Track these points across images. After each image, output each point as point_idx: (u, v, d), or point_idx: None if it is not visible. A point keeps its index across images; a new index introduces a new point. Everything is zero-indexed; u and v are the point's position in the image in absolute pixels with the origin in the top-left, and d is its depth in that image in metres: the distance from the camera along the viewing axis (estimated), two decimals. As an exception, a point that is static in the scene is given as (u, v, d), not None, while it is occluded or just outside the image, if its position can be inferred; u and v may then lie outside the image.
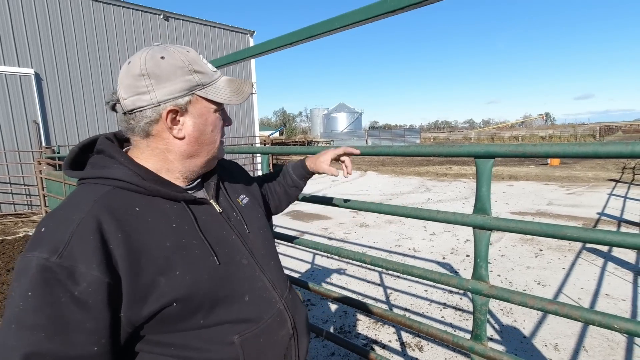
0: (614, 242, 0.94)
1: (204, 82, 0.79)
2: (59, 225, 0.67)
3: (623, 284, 3.89)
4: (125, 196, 0.74)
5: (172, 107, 0.76)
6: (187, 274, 0.73)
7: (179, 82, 0.76)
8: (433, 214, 1.27)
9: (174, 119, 0.78)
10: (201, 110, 0.80)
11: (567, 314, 1.02)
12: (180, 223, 0.77)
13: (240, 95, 0.82)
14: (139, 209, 0.74)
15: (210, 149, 0.84)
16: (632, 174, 11.93)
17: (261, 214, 1.03)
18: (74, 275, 0.63)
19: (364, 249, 5.43)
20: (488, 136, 50.72)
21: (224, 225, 0.86)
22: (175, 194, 0.79)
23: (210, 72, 0.81)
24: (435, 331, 1.36)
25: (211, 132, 0.83)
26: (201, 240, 0.78)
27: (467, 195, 9.42)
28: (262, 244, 0.93)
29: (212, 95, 0.80)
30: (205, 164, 0.86)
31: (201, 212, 0.83)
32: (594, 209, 7.26)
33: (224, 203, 0.92)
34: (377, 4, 1.15)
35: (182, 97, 0.77)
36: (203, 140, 0.82)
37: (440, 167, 16.53)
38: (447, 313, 3.43)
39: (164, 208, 0.77)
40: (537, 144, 1.04)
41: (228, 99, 0.81)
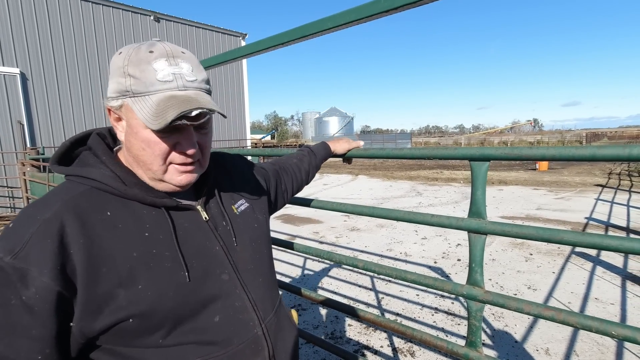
0: (611, 247, 0.92)
1: (134, 90, 0.67)
2: (23, 224, 0.64)
3: (612, 288, 3.92)
4: (100, 198, 0.69)
5: (108, 106, 0.72)
6: (149, 288, 0.67)
7: (114, 82, 0.70)
8: (427, 218, 1.25)
9: (116, 118, 0.73)
10: (131, 121, 0.69)
11: (563, 320, 0.99)
12: (154, 231, 0.71)
13: (157, 120, 0.64)
14: (110, 214, 0.68)
15: (147, 168, 0.72)
16: (618, 180, 12.16)
17: (259, 223, 0.93)
18: (25, 278, 0.59)
19: (356, 253, 5.40)
20: (478, 141, 51.37)
21: (209, 234, 0.78)
22: (154, 199, 0.72)
23: (152, 80, 0.66)
24: (429, 338, 1.33)
25: (142, 150, 0.70)
26: (175, 252, 0.71)
27: (458, 200, 9.47)
28: (250, 258, 0.84)
29: (136, 108, 0.67)
30: (153, 182, 0.74)
31: (184, 219, 0.76)
32: (582, 214, 7.36)
33: (214, 210, 0.83)
34: (370, 4, 1.13)
35: (115, 99, 0.70)
36: (135, 155, 0.72)
37: (432, 171, 16.63)
38: (438, 318, 3.41)
39: (140, 214, 0.71)
40: (533, 147, 1.02)
41: (144, 119, 0.66)
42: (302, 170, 1.31)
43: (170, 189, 0.75)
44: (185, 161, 0.72)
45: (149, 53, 0.67)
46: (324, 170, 18.91)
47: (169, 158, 0.71)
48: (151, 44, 0.70)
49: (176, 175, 0.73)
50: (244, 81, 14.74)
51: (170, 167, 0.72)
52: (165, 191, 0.76)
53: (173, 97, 0.66)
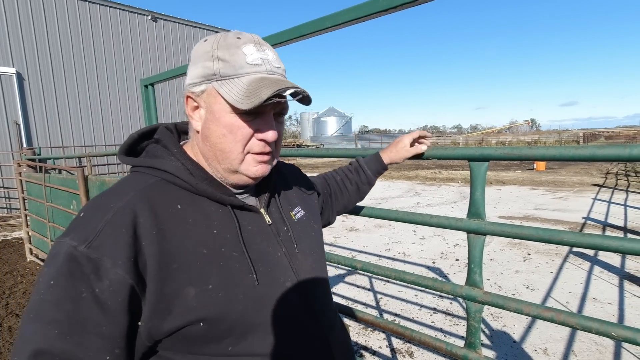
0: (611, 248, 0.91)
1: (223, 73, 0.66)
2: (96, 212, 0.62)
3: (609, 288, 3.93)
4: (171, 191, 0.68)
5: (188, 93, 0.70)
6: (220, 289, 0.64)
7: (199, 67, 0.68)
8: (427, 218, 1.24)
9: (194, 107, 0.71)
10: (214, 106, 0.68)
11: (563, 321, 0.99)
12: (222, 230, 0.69)
13: (250, 99, 0.63)
14: (180, 207, 0.66)
15: (223, 158, 0.70)
16: (615, 179, 12.20)
17: (315, 231, 0.91)
18: (99, 269, 0.57)
19: (354, 253, 5.39)
20: (476, 141, 51.48)
21: (272, 239, 0.76)
22: (222, 196, 0.70)
23: (242, 63, 0.66)
24: (428, 339, 1.33)
25: (223, 137, 0.68)
26: (242, 253, 0.69)
27: (456, 200, 9.48)
28: (310, 267, 0.81)
29: (224, 90, 0.65)
30: (227, 174, 0.72)
31: (248, 221, 0.74)
32: (579, 213, 7.38)
33: (275, 215, 0.80)
34: (369, 3, 1.12)
35: (198, 85, 0.68)
36: (214, 144, 0.69)
37: (430, 171, 16.65)
38: (437, 318, 3.41)
39: (208, 210, 0.69)
40: (533, 147, 1.01)
41: (234, 99, 0.64)
42: (346, 189, 1.24)
43: (243, 181, 0.73)
44: (264, 149, 0.71)
45: (237, 39, 0.67)
46: (322, 170, 18.90)
47: (248, 146, 0.69)
48: (237, 32, 0.70)
49: (252, 166, 0.71)
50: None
51: (248, 156, 0.70)
52: (235, 185, 0.75)
53: (264, 78, 0.66)
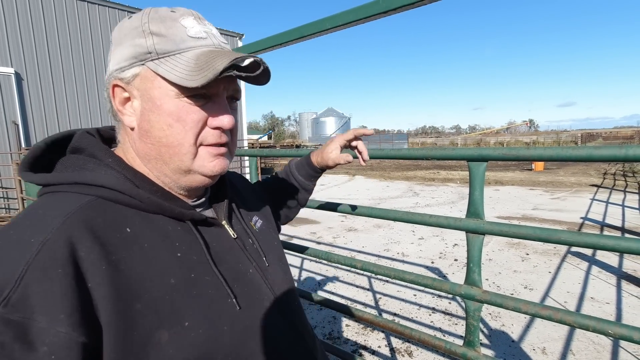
0: (607, 247, 0.92)
1: (160, 50, 0.54)
2: (8, 252, 0.44)
3: (607, 287, 3.95)
4: (113, 211, 0.53)
5: (115, 81, 0.56)
6: (200, 325, 0.52)
7: (126, 48, 0.55)
8: (426, 218, 1.25)
9: (124, 99, 0.57)
10: (153, 92, 0.55)
11: (561, 319, 1.00)
12: (186, 251, 0.56)
13: (202, 73, 0.51)
14: (130, 230, 0.52)
15: (171, 154, 0.57)
16: (613, 180, 12.25)
17: (277, 240, 0.83)
18: (27, 335, 0.40)
19: (353, 253, 5.41)
20: (474, 142, 51.58)
21: (240, 254, 0.66)
22: (181, 211, 0.58)
23: (183, 37, 0.55)
24: (427, 337, 1.34)
25: (169, 128, 0.55)
26: (215, 276, 0.57)
27: (454, 200, 9.50)
28: (282, 280, 0.73)
29: (164, 69, 0.53)
30: (177, 176, 0.59)
31: (211, 237, 0.62)
32: (577, 214, 7.41)
33: (237, 226, 0.70)
34: (369, 5, 1.13)
35: (128, 68, 0.55)
36: (158, 138, 0.56)
37: (428, 171, 16.68)
38: (436, 317, 3.42)
39: (165, 230, 0.56)
40: (531, 147, 1.03)
41: (180, 77, 0.52)
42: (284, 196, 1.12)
43: (198, 182, 0.61)
44: (219, 140, 0.59)
45: (172, 12, 0.57)
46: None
47: (201, 136, 0.57)
48: (169, 7, 0.59)
49: (208, 161, 0.59)
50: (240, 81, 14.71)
51: (201, 149, 0.58)
52: (188, 191, 0.63)
53: (214, 51, 0.55)
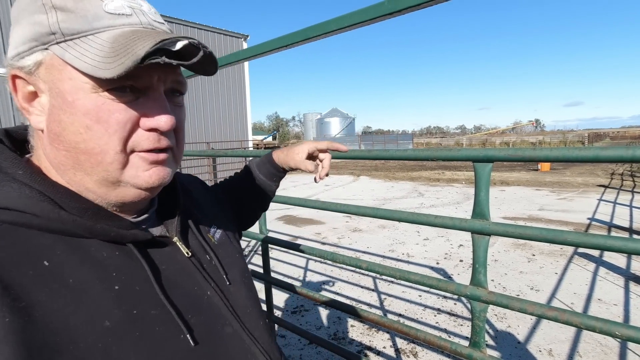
0: (614, 248, 0.92)
1: (66, 29, 0.41)
2: None
3: (614, 289, 3.91)
4: (25, 240, 0.41)
5: (13, 72, 0.45)
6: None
7: (25, 26, 0.43)
8: (431, 219, 1.25)
9: (29, 94, 0.45)
10: (63, 85, 0.43)
11: (567, 320, 1.00)
12: (127, 282, 0.46)
13: (118, 59, 0.40)
14: (49, 264, 0.41)
15: (93, 164, 0.45)
16: (620, 180, 12.12)
17: (239, 252, 0.72)
18: None
19: (358, 254, 5.41)
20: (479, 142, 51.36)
21: (195, 276, 0.56)
22: (120, 232, 0.48)
23: (98, 13, 0.43)
24: (432, 338, 1.34)
25: (86, 131, 0.43)
26: (164, 309, 0.48)
27: (459, 200, 9.46)
28: (246, 298, 0.63)
29: (72, 56, 0.41)
30: (102, 190, 0.47)
31: (160, 259, 0.52)
32: (584, 214, 7.34)
33: (193, 241, 0.60)
34: (374, 7, 1.14)
35: (27, 54, 0.43)
36: (71, 144, 0.44)
37: (433, 172, 16.62)
38: (441, 318, 3.42)
39: (98, 258, 0.45)
40: (537, 148, 1.03)
41: (94, 66, 0.40)
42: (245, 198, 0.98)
43: (132, 197, 0.49)
44: (157, 144, 0.47)
45: None
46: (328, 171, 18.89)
47: (132, 140, 0.46)
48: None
49: (142, 170, 0.47)
50: (245, 82, 14.77)
51: (133, 156, 0.47)
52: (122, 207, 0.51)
53: (138, 31, 0.44)
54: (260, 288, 4.07)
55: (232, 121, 14.52)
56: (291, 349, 2.97)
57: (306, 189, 12.43)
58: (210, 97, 13.63)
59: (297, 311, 3.62)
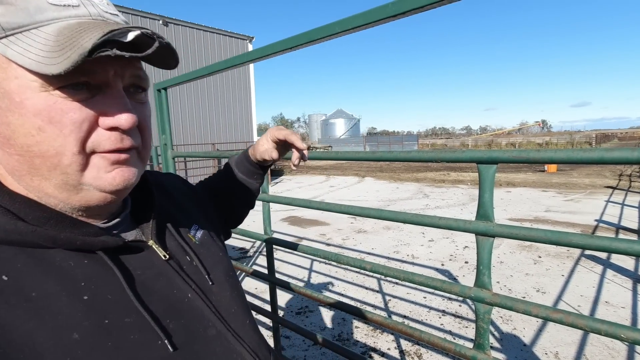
0: (620, 250, 0.92)
1: (6, 24, 0.39)
2: None
3: (622, 291, 3.87)
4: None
5: None
6: None
7: None
8: (435, 220, 1.25)
9: None
10: (9, 85, 0.40)
11: (572, 323, 0.99)
12: (97, 291, 0.44)
13: (64, 54, 0.37)
14: (9, 278, 0.39)
15: (49, 168, 0.42)
16: (629, 181, 11.99)
17: (222, 250, 0.70)
18: None
19: (362, 255, 5.40)
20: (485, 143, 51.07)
21: (174, 279, 0.54)
22: (86, 239, 0.45)
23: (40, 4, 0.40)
24: (436, 340, 1.34)
25: (38, 133, 0.41)
26: (139, 315, 0.46)
27: (465, 202, 9.42)
28: (230, 297, 0.62)
29: (14, 52, 0.39)
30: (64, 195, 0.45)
31: (134, 264, 0.50)
32: (591, 216, 7.27)
33: (171, 243, 0.59)
34: (378, 9, 1.15)
35: None
36: (24, 147, 0.41)
37: (438, 173, 16.55)
38: (446, 320, 3.40)
39: (63, 268, 0.43)
40: (541, 150, 1.02)
41: (38, 62, 0.38)
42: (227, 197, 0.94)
43: (97, 200, 0.46)
44: (120, 144, 0.45)
45: None
46: (330, 172, 18.92)
47: (90, 141, 0.43)
48: None
49: (104, 171, 0.45)
50: (250, 83, 14.83)
51: (94, 157, 0.44)
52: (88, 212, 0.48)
53: (84, 22, 0.41)
54: (264, 289, 4.08)
55: (238, 122, 14.58)
56: (295, 349, 2.97)
57: (311, 190, 12.44)
58: (216, 99, 13.70)
59: (301, 312, 3.63)
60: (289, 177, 17.16)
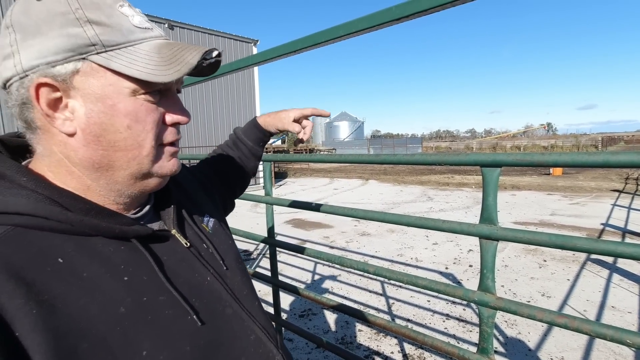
0: (625, 254, 0.91)
1: (107, 41, 0.47)
2: None
3: (629, 296, 3.83)
4: (37, 240, 0.45)
5: (42, 80, 0.46)
6: (160, 352, 0.48)
7: (56, 37, 0.45)
8: (438, 224, 1.25)
9: (54, 100, 0.47)
10: (104, 90, 0.48)
11: (577, 327, 0.98)
12: (134, 273, 0.51)
13: (174, 67, 0.49)
14: (63, 260, 0.45)
15: (130, 157, 0.51)
16: (635, 185, 11.87)
17: (231, 238, 0.78)
18: None
19: (366, 258, 5.39)
20: (490, 145, 50.83)
21: (195, 264, 0.61)
22: (123, 228, 0.51)
23: (130, 27, 0.49)
24: (439, 344, 1.33)
25: (127, 129, 0.50)
26: (169, 294, 0.53)
27: (469, 205, 9.37)
28: (241, 281, 0.69)
29: (122, 64, 0.47)
30: (131, 181, 0.54)
31: (161, 251, 0.57)
32: (597, 220, 7.20)
33: (189, 232, 0.65)
34: (382, 12, 1.15)
35: (61, 63, 0.46)
36: (112, 142, 0.50)
37: (442, 176, 16.49)
38: (450, 324, 3.38)
39: (104, 253, 0.50)
40: (545, 153, 1.02)
41: (150, 73, 0.48)
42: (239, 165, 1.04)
43: (152, 186, 0.57)
44: (177, 137, 0.57)
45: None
46: (334, 174, 18.92)
47: (160, 135, 0.54)
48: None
49: (166, 161, 0.56)
50: (255, 85, 14.90)
51: (160, 149, 0.55)
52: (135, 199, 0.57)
53: (171, 43, 0.52)
54: (268, 291, 4.08)
55: (242, 124, 14.62)
56: (299, 352, 2.97)
57: (315, 193, 12.44)
58: (220, 101, 13.77)
59: (304, 315, 3.62)
60: (293, 180, 17.18)
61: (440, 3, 0.98)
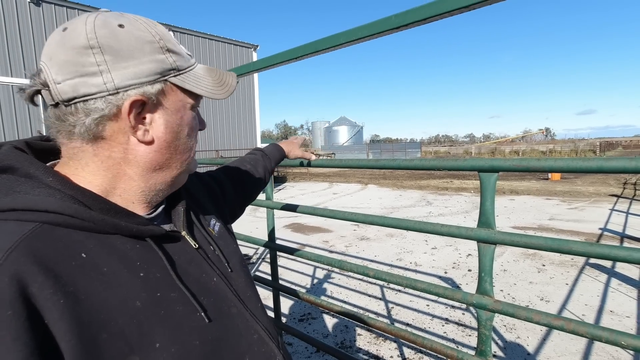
0: (619, 258, 0.93)
1: (180, 66, 0.58)
2: None
3: (627, 301, 3.84)
4: (62, 237, 0.49)
5: (137, 97, 0.53)
6: (172, 345, 0.52)
7: (148, 62, 0.54)
8: (437, 228, 1.27)
9: (138, 114, 0.55)
10: (176, 105, 0.59)
11: (573, 330, 1.00)
12: (149, 270, 0.55)
13: (224, 88, 0.64)
14: (86, 256, 0.49)
15: (184, 159, 0.63)
16: (633, 190, 11.91)
17: (235, 242, 0.82)
18: None
19: (365, 262, 5.39)
20: (489, 150, 50.99)
21: (203, 265, 0.65)
22: (139, 228, 0.56)
23: (186, 54, 0.61)
24: (438, 346, 1.35)
25: (187, 137, 0.62)
26: (180, 291, 0.57)
27: (468, 209, 9.39)
28: (245, 283, 0.73)
29: (191, 85, 0.59)
30: (173, 181, 0.63)
31: (173, 250, 0.61)
32: (596, 224, 7.23)
33: (198, 234, 0.70)
34: (382, 21, 1.18)
35: (151, 84, 0.55)
36: (177, 147, 0.60)
37: (442, 180, 16.53)
38: (449, 328, 3.39)
39: (123, 250, 0.54)
40: (541, 159, 1.04)
41: (211, 92, 0.61)
42: (257, 177, 1.18)
43: (181, 181, 0.66)
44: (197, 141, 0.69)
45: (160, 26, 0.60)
46: (333, 179, 18.94)
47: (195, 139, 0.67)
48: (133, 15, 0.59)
49: (192, 160, 0.67)
50: (254, 91, 14.96)
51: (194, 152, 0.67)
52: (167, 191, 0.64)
53: (209, 68, 0.65)
54: (268, 295, 4.09)
55: (242, 129, 14.67)
56: (298, 356, 2.97)
57: (314, 197, 12.45)
58: (220, 106, 13.82)
59: (304, 319, 3.63)
60: (292, 184, 17.19)
61: (438, 12, 1.01)
